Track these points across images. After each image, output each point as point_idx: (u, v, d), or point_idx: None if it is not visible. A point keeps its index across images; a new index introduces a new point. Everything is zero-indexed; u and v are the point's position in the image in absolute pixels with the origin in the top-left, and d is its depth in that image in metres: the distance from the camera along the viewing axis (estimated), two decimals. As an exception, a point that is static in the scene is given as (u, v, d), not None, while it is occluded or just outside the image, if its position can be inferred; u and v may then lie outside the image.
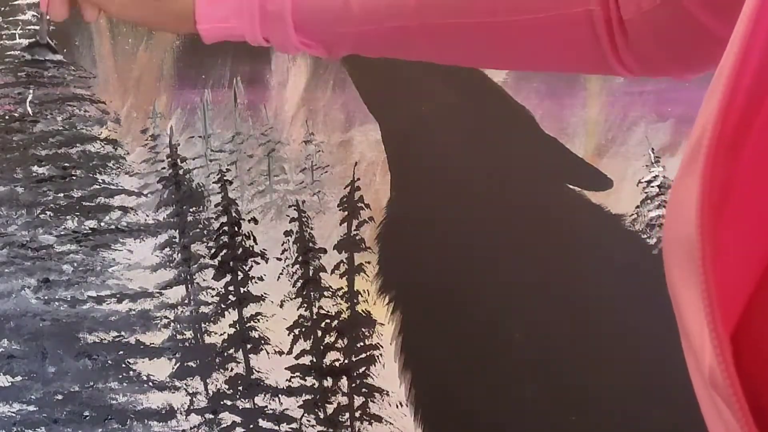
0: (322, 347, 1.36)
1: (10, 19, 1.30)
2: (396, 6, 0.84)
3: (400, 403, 1.36)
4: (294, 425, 1.33)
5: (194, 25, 0.87)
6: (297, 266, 1.37)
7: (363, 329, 1.37)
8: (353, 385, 1.35)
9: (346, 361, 1.36)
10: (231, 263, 1.35)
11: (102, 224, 1.32)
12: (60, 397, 1.25)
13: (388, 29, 0.85)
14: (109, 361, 1.28)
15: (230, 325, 1.34)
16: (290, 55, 0.89)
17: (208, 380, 1.32)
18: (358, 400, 1.35)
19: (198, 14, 0.85)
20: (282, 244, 1.37)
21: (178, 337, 1.32)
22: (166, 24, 0.89)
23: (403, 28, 0.85)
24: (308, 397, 1.34)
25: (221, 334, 1.34)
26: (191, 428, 1.30)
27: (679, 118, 1.39)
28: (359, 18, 0.85)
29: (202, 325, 1.33)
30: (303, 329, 1.36)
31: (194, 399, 1.31)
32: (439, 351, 1.40)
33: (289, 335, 1.36)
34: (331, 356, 1.35)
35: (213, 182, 1.37)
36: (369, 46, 0.89)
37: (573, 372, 1.41)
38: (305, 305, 1.37)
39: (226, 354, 1.33)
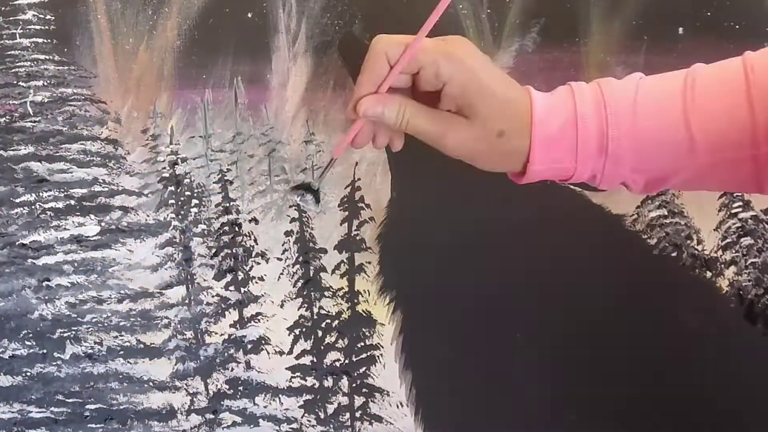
0: (322, 347, 1.36)
1: (11, 19, 1.31)
2: (745, 133, 0.81)
3: (401, 403, 1.36)
4: (294, 425, 1.33)
5: (524, 165, 0.86)
6: (297, 266, 1.38)
7: (363, 329, 1.37)
8: (353, 385, 1.36)
9: (346, 361, 1.36)
10: (231, 263, 1.36)
11: (102, 224, 1.32)
12: (60, 397, 1.26)
13: (732, 159, 0.82)
14: (110, 361, 1.29)
15: (230, 325, 1.35)
16: (601, 188, 0.90)
17: (208, 380, 1.32)
18: (359, 400, 1.36)
19: (533, 155, 0.84)
20: (282, 244, 1.37)
21: (179, 337, 1.33)
22: (495, 162, 0.88)
23: (753, 158, 0.82)
24: (308, 397, 1.34)
25: (221, 334, 1.34)
26: (191, 428, 1.31)
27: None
28: (702, 149, 0.82)
29: (203, 325, 1.34)
30: (303, 329, 1.36)
31: (194, 399, 1.31)
32: (439, 351, 1.40)
33: (289, 335, 1.36)
34: (331, 356, 1.36)
35: (213, 182, 1.37)
36: (700, 180, 0.86)
37: (573, 372, 1.41)
38: (306, 305, 1.37)
39: (226, 354, 1.34)
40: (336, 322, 1.37)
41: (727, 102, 0.81)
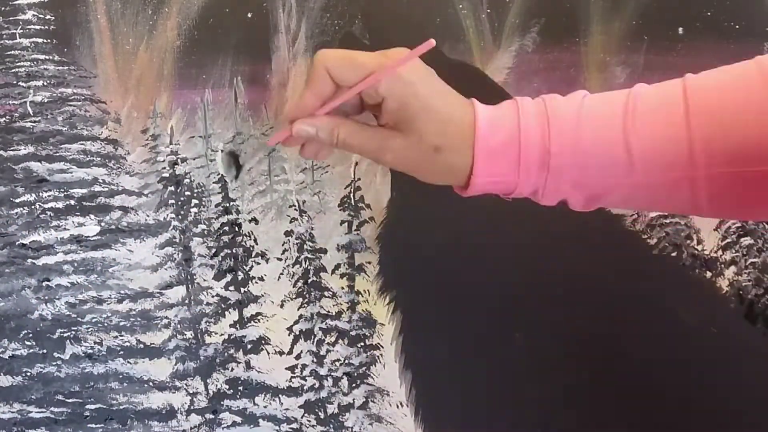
0: (322, 347, 1.36)
1: (11, 19, 1.31)
2: (682, 154, 0.82)
3: (401, 403, 1.36)
4: (294, 425, 1.33)
5: (466, 178, 0.86)
6: (297, 266, 1.38)
7: (363, 329, 1.37)
8: (353, 385, 1.36)
9: (346, 361, 1.36)
10: (231, 263, 1.36)
11: (102, 224, 1.32)
12: (60, 397, 1.26)
13: (669, 180, 0.83)
14: (110, 361, 1.29)
15: (230, 325, 1.35)
16: (543, 203, 0.92)
17: (208, 380, 1.32)
18: (359, 400, 1.36)
19: (476, 169, 0.84)
20: (282, 244, 1.37)
21: (179, 337, 1.33)
22: (437, 175, 0.88)
23: (689, 179, 0.82)
24: (308, 397, 1.35)
25: (221, 334, 1.34)
26: (191, 428, 1.31)
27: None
28: (640, 168, 0.83)
29: (203, 325, 1.34)
30: (303, 329, 1.36)
31: (194, 399, 1.31)
32: (439, 351, 1.40)
33: (289, 335, 1.36)
34: (331, 356, 1.36)
35: (213, 182, 1.37)
36: (637, 198, 0.88)
37: (572, 371, 1.41)
38: (305, 305, 1.37)
39: (226, 354, 1.34)
40: (336, 322, 1.37)
41: (665, 124, 0.81)
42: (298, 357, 1.36)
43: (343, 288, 1.39)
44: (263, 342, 1.35)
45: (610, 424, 1.40)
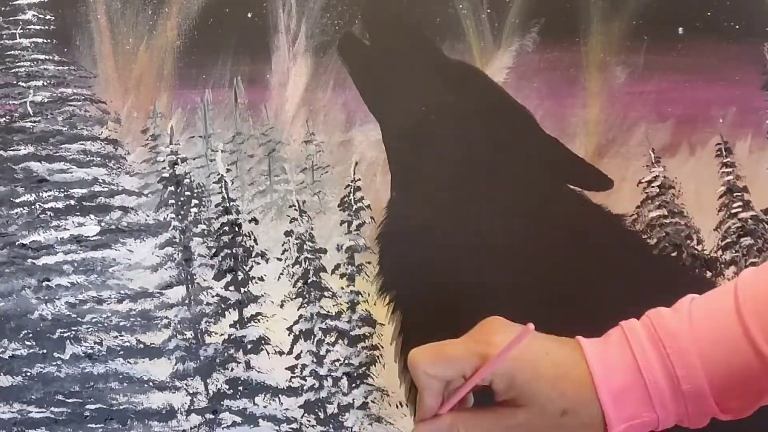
0: (322, 347, 1.37)
1: (11, 19, 1.32)
2: None
3: (401, 404, 1.36)
4: (294, 425, 1.33)
5: (604, 428, 0.81)
6: (297, 266, 1.38)
7: (363, 329, 1.38)
8: (353, 385, 1.36)
9: (346, 362, 1.37)
10: (231, 263, 1.36)
11: (102, 224, 1.32)
12: (60, 397, 1.26)
13: None
14: (110, 361, 1.30)
15: (230, 325, 1.35)
16: (695, 427, 0.85)
17: (208, 380, 1.32)
18: (358, 401, 1.36)
19: (609, 419, 0.80)
20: (282, 245, 1.37)
21: (178, 337, 1.33)
22: None
23: None
24: (308, 397, 1.35)
25: (221, 334, 1.34)
26: (191, 428, 1.31)
27: (680, 118, 1.41)
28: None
29: (203, 325, 1.34)
30: (303, 329, 1.37)
31: (194, 399, 1.32)
32: None
33: (289, 335, 1.36)
34: (331, 356, 1.36)
35: (213, 182, 1.37)
36: None
37: None
38: (305, 305, 1.38)
39: (226, 354, 1.34)
40: (336, 322, 1.37)
41: None
42: (297, 357, 1.36)
43: (342, 288, 1.39)
44: (263, 342, 1.35)
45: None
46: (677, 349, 0.80)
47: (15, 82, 1.31)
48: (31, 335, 1.26)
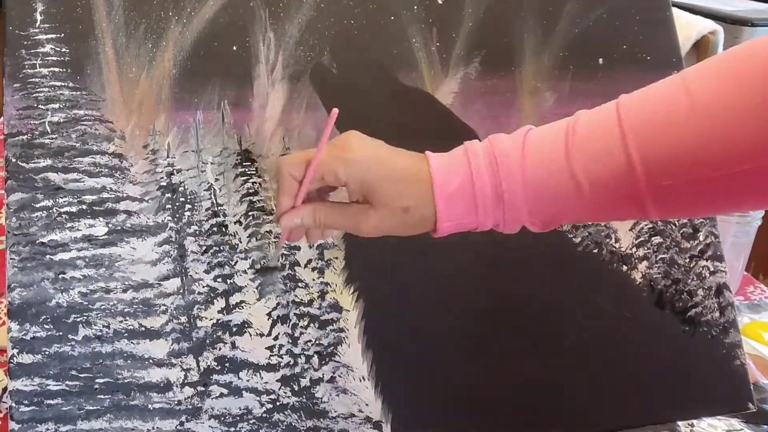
0: (296, 330, 1.45)
1: (32, 51, 1.38)
2: (623, 173, 0.78)
3: (363, 378, 1.43)
4: (273, 396, 1.40)
5: (433, 226, 0.89)
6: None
7: (331, 315, 1.46)
8: (323, 362, 1.44)
9: (317, 342, 1.45)
10: (219, 259, 1.43)
11: (110, 225, 1.39)
12: (74, 372, 1.32)
13: (617, 197, 0.80)
14: (116, 342, 1.35)
15: (218, 311, 1.42)
16: (506, 232, 0.92)
17: (199, 358, 1.39)
18: (327, 375, 1.43)
19: (439, 215, 0.87)
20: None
21: (174, 321, 1.39)
22: (412, 230, 0.90)
23: (635, 195, 0.79)
24: (284, 372, 1.42)
25: (211, 319, 1.41)
26: (185, 399, 1.37)
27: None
28: (588, 191, 0.81)
29: (195, 311, 1.40)
30: (280, 315, 1.44)
31: (188, 374, 1.38)
32: (396, 332, 1.47)
33: (268, 320, 1.44)
34: (304, 338, 1.44)
35: (204, 190, 1.44)
36: (589, 216, 0.87)
37: (512, 357, 1.49)
38: (282, 295, 1.45)
39: (214, 336, 1.40)
40: (308, 308, 1.45)
41: (603, 146, 0.81)
42: (275, 338, 1.42)
43: (314, 280, 1.46)
44: (246, 325, 1.42)
45: (603, 418, 1.48)
46: (506, 166, 0.85)
47: (35, 105, 1.37)
48: (48, 320, 1.31)
